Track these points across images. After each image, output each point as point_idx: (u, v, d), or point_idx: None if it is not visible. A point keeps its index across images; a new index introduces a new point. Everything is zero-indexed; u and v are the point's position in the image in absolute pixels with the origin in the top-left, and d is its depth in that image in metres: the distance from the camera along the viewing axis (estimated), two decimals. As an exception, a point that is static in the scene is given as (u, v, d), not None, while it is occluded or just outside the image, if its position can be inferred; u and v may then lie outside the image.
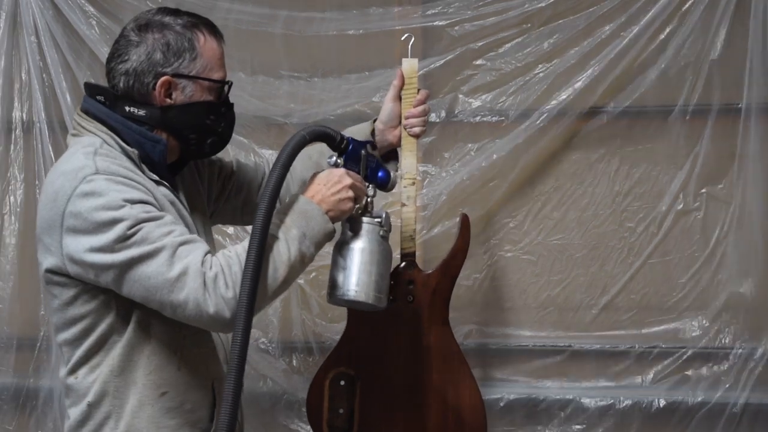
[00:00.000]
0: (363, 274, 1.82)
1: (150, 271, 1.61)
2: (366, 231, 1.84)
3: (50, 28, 2.80)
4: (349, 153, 1.85)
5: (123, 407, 1.75)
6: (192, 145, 1.83)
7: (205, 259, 1.63)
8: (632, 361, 2.69)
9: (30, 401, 2.89)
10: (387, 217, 1.86)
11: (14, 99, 2.86)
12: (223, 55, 1.82)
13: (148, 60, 1.74)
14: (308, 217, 1.73)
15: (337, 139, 1.84)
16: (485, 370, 2.77)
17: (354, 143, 1.86)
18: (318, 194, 1.77)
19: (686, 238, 2.67)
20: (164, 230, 1.63)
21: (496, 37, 2.68)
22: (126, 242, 1.60)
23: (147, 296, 1.63)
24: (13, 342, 2.88)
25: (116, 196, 1.62)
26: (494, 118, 2.70)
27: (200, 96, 1.78)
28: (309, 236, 1.71)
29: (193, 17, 1.80)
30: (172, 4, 2.73)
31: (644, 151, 2.69)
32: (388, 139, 2.15)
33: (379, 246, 1.84)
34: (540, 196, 2.74)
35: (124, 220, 1.60)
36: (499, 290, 2.77)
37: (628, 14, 2.59)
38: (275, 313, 2.79)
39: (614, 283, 2.71)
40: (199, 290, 1.60)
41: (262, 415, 2.80)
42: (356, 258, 1.82)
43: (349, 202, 1.78)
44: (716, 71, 2.60)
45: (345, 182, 1.78)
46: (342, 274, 1.82)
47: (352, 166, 1.85)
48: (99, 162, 1.67)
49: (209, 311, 1.61)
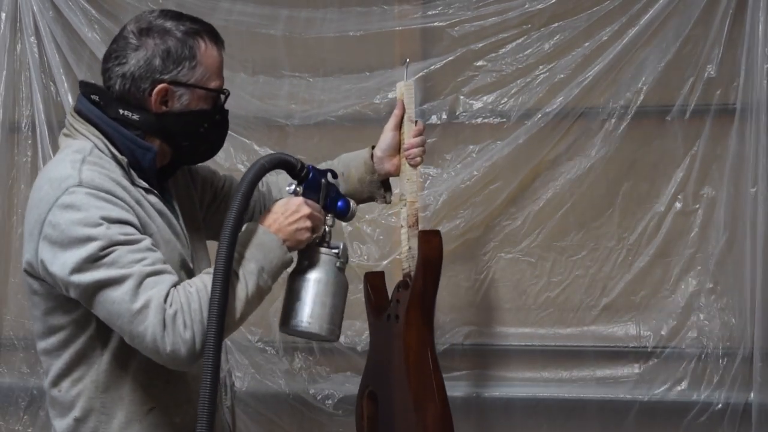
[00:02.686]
0: (317, 306, 1.79)
1: (114, 296, 1.60)
2: (322, 262, 1.82)
3: (51, 29, 2.81)
4: (309, 181, 1.83)
5: (110, 423, 1.74)
6: (184, 151, 1.82)
7: (169, 292, 1.62)
8: (631, 361, 2.69)
9: (36, 402, 2.90)
10: (344, 248, 1.84)
11: (15, 100, 2.87)
12: (222, 63, 1.80)
13: (146, 65, 1.71)
14: (266, 249, 1.72)
15: (297, 167, 1.82)
16: (485, 370, 2.78)
17: (314, 171, 1.85)
18: (275, 223, 1.75)
19: (685, 239, 2.67)
20: (136, 257, 1.61)
21: (497, 38, 2.67)
22: (95, 263, 1.59)
23: (109, 319, 1.63)
24: (19, 343, 2.89)
25: (95, 213, 1.61)
26: (495, 119, 2.70)
27: (196, 104, 1.77)
28: (267, 270, 1.71)
29: (196, 23, 1.78)
30: (173, 5, 2.74)
31: (643, 152, 2.69)
32: (386, 168, 2.13)
33: (335, 277, 1.82)
34: (539, 197, 2.73)
35: (98, 240, 1.59)
36: (499, 291, 2.77)
37: (628, 15, 2.58)
38: (276, 314, 2.79)
39: (614, 284, 2.71)
40: (158, 327, 1.59)
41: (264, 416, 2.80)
42: (311, 289, 1.80)
43: (306, 232, 1.77)
44: (715, 71, 2.59)
45: (303, 212, 1.77)
46: (296, 304, 1.80)
47: (311, 195, 1.83)
48: (85, 173, 1.66)
49: (166, 350, 1.60)
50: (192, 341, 1.60)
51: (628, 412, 2.66)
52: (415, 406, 2.10)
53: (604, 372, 2.71)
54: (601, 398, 2.69)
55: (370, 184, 2.13)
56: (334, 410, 2.79)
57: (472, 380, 2.77)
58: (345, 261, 1.84)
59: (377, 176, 2.12)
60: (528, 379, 2.75)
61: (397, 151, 2.12)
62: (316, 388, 2.81)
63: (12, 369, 2.94)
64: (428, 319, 2.15)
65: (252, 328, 2.80)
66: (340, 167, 2.12)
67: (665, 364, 2.66)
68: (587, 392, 2.71)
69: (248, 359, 2.81)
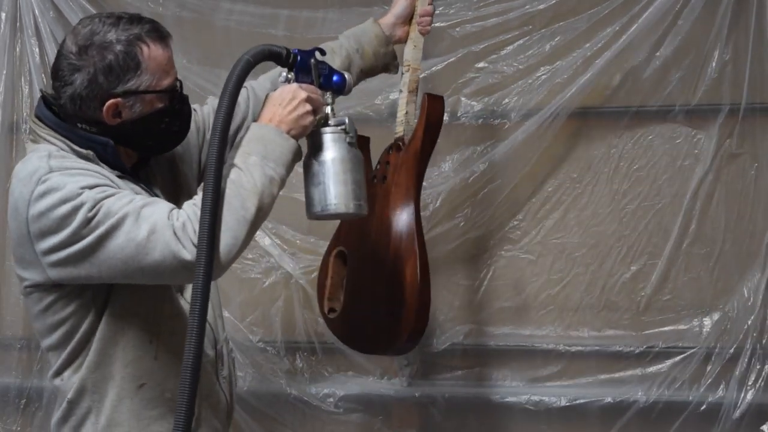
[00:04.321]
0: (339, 185, 1.77)
1: (120, 241, 1.60)
2: (332, 140, 1.78)
3: (51, 29, 2.80)
4: (299, 65, 1.79)
5: (102, 402, 1.75)
6: (151, 149, 1.83)
7: (171, 213, 1.62)
8: (632, 360, 2.69)
9: (33, 402, 2.90)
10: (350, 122, 1.80)
11: (15, 101, 2.86)
12: (170, 57, 1.75)
13: (90, 85, 1.68)
14: (265, 141, 1.69)
15: (283, 54, 1.77)
16: (485, 369, 2.78)
17: (301, 54, 1.80)
18: (275, 116, 1.72)
19: (686, 238, 2.67)
20: (124, 200, 1.62)
21: (498, 39, 2.68)
22: (90, 224, 1.60)
23: (126, 270, 1.62)
24: (18, 343, 2.89)
25: (73, 187, 1.61)
26: (496, 120, 2.71)
27: (150, 107, 1.74)
28: (271, 158, 1.67)
29: (135, 24, 1.71)
30: (174, 5, 2.74)
31: (644, 151, 2.70)
32: (397, 34, 2.20)
33: (349, 153, 1.78)
34: (539, 195, 2.74)
35: (84, 204, 1.60)
36: (499, 290, 2.77)
37: (629, 15, 2.59)
38: (278, 314, 2.80)
39: (614, 283, 2.71)
40: (171, 241, 1.59)
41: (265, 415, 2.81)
42: (329, 170, 1.77)
43: (308, 116, 1.74)
44: (716, 71, 2.60)
45: (300, 97, 1.73)
46: (317, 189, 1.77)
47: (303, 78, 1.79)
48: (53, 162, 1.66)
49: (187, 258, 1.58)
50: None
51: (628, 412, 2.65)
52: (395, 261, 2.15)
53: (604, 371, 2.71)
54: (601, 398, 2.68)
55: (384, 56, 2.19)
56: (335, 409, 2.79)
57: (472, 380, 2.78)
58: (354, 134, 1.80)
59: (391, 47, 2.18)
60: (528, 378, 2.75)
61: (408, 19, 2.21)
62: (317, 388, 2.81)
63: (9, 369, 2.94)
64: (418, 182, 2.21)
65: (253, 328, 2.81)
66: (353, 44, 2.16)
67: (666, 363, 2.66)
68: (587, 392, 2.70)
69: (249, 359, 2.81)
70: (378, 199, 2.21)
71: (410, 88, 2.23)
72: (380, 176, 2.25)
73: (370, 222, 2.20)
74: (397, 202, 2.19)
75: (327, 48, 2.09)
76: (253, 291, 2.82)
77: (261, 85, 2.10)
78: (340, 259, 2.31)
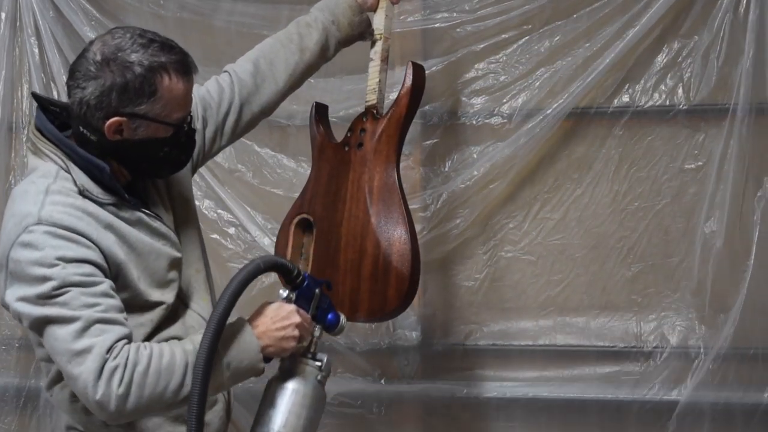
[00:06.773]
0: (291, 416, 1.78)
1: (58, 333, 1.62)
2: (304, 373, 1.81)
3: (51, 29, 2.80)
4: (303, 290, 1.82)
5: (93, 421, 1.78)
6: (144, 173, 1.83)
7: (115, 345, 1.62)
8: (632, 360, 2.69)
9: (31, 401, 2.90)
10: (328, 362, 1.83)
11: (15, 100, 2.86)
12: (189, 91, 1.76)
13: (100, 97, 1.69)
14: (241, 348, 1.73)
15: (293, 273, 1.80)
16: (485, 369, 2.78)
17: (310, 281, 1.83)
18: (262, 326, 1.75)
19: (686, 238, 2.67)
20: (89, 301, 1.63)
21: (498, 39, 2.68)
22: (48, 300, 1.61)
23: (51, 354, 1.66)
24: (15, 342, 2.89)
25: (51, 253, 1.63)
26: (496, 120, 2.71)
27: (154, 134, 1.74)
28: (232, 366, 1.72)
29: (164, 54, 1.71)
30: (175, 6, 2.74)
31: (644, 151, 2.69)
32: (368, 2, 2.25)
33: (314, 390, 1.81)
34: (540, 196, 2.73)
35: (52, 280, 1.61)
36: (499, 290, 2.77)
37: (629, 15, 2.59)
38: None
39: (614, 283, 2.71)
40: (93, 374, 1.60)
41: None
42: (288, 398, 1.79)
43: (292, 341, 1.76)
44: (716, 71, 2.60)
45: (293, 320, 1.76)
46: (270, 411, 1.79)
47: (303, 303, 1.81)
48: (46, 208, 1.66)
49: (95, 398, 1.61)
50: (124, 399, 1.61)
51: (628, 412, 2.66)
52: (379, 224, 2.16)
53: (605, 372, 2.71)
54: (601, 398, 2.69)
55: (359, 25, 2.25)
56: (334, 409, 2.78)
57: (472, 380, 2.77)
58: (327, 374, 1.83)
59: (365, 15, 2.23)
60: (528, 378, 2.75)
61: None
62: (315, 388, 2.81)
63: (8, 369, 2.94)
64: (398, 148, 2.24)
65: (253, 328, 2.81)
66: (328, 17, 2.20)
67: (665, 364, 2.66)
68: (587, 392, 2.70)
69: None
70: (353, 166, 2.24)
71: (382, 57, 2.27)
72: (354, 143, 2.26)
73: (342, 188, 2.23)
74: (378, 167, 2.21)
75: (302, 22, 2.18)
76: (252, 291, 2.81)
77: (242, 67, 2.13)
78: (300, 228, 2.30)
